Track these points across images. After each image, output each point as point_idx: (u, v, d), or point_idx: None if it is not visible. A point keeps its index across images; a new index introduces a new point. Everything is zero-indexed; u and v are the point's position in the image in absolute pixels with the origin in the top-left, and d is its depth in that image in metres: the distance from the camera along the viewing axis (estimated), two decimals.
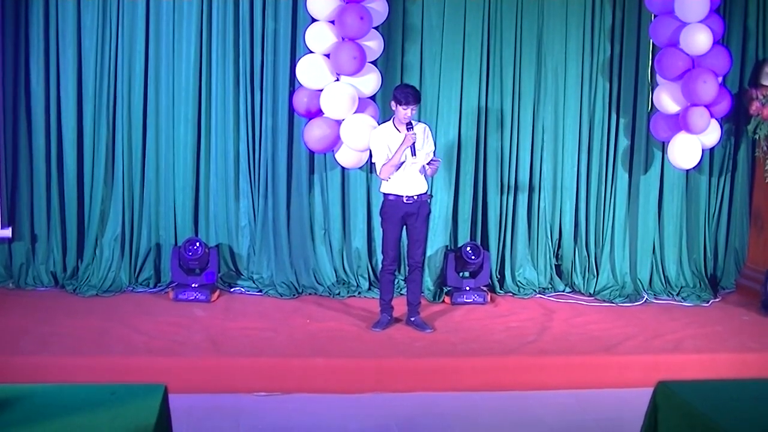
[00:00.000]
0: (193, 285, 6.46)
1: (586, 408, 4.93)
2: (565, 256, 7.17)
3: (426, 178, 5.80)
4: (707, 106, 6.41)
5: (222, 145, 6.77)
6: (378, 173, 5.76)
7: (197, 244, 6.48)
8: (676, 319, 6.38)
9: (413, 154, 5.57)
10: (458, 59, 6.87)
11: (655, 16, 6.73)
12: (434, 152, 5.85)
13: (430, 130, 5.92)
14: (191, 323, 5.83)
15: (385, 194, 5.79)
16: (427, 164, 5.66)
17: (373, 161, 5.92)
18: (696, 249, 7.31)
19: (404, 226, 5.84)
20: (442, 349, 5.46)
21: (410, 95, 5.57)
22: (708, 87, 6.28)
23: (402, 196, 5.70)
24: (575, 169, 7.10)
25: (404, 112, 5.55)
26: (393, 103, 5.63)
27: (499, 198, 7.03)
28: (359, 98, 6.24)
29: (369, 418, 4.68)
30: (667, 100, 6.59)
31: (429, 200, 5.84)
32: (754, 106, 6.83)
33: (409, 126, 5.56)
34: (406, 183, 5.69)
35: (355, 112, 6.21)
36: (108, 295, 6.48)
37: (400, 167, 5.63)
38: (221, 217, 6.86)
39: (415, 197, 5.71)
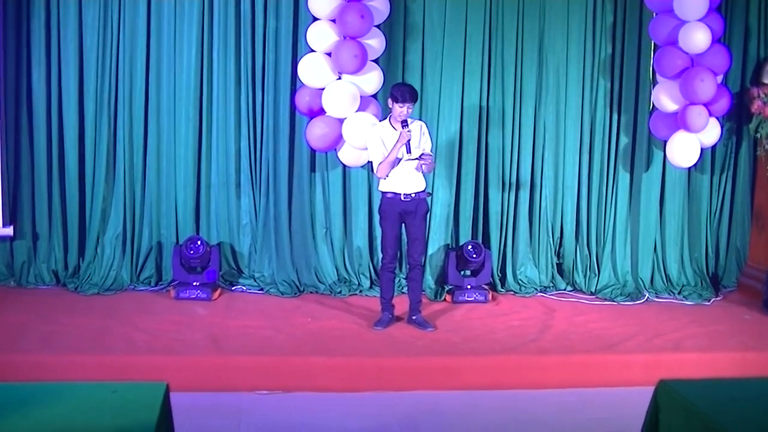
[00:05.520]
0: (194, 283, 6.47)
1: (588, 407, 4.93)
2: (567, 254, 7.17)
3: (424, 176, 5.81)
4: (706, 105, 6.41)
5: (223, 143, 6.77)
6: (375, 171, 5.78)
7: (198, 242, 6.48)
8: (677, 318, 6.38)
9: (408, 151, 5.58)
10: (459, 58, 6.87)
11: (655, 15, 6.73)
12: (433, 150, 5.86)
13: (428, 127, 5.92)
14: (192, 322, 5.84)
15: (383, 192, 5.80)
16: (420, 160, 5.61)
17: (369, 159, 5.92)
18: (697, 247, 7.31)
19: (403, 224, 5.85)
20: (443, 348, 5.47)
21: (407, 93, 5.60)
22: (706, 85, 6.26)
23: (399, 194, 5.71)
24: (576, 167, 7.10)
25: (400, 109, 5.58)
26: (390, 101, 5.67)
27: (501, 196, 7.02)
28: (361, 97, 6.24)
29: (370, 416, 4.68)
30: (665, 98, 6.58)
31: (427, 198, 5.85)
32: (756, 105, 6.83)
33: (405, 123, 5.57)
34: (403, 181, 5.70)
35: (357, 111, 6.21)
36: (109, 294, 6.48)
37: (396, 165, 5.65)
38: (222, 216, 6.86)
39: (413, 195, 5.72)
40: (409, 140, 5.56)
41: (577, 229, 7.18)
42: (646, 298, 6.98)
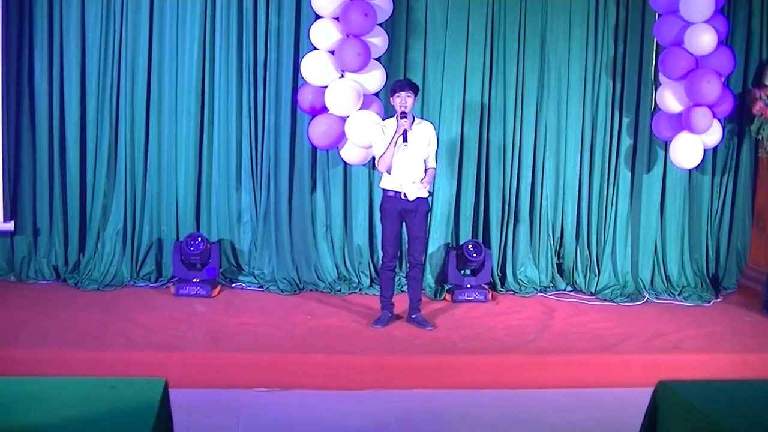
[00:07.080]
0: (194, 280, 6.47)
1: (586, 407, 4.92)
2: (567, 254, 7.17)
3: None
4: (710, 107, 6.41)
5: (224, 140, 6.77)
6: (376, 165, 5.78)
7: (199, 239, 6.48)
8: (677, 319, 6.38)
9: (404, 140, 5.57)
10: (461, 56, 6.87)
11: (659, 16, 6.72)
12: (436, 152, 5.86)
13: (435, 129, 5.91)
14: (192, 318, 5.84)
15: (384, 190, 5.80)
16: (422, 182, 5.67)
17: (373, 155, 5.93)
18: (698, 249, 7.31)
19: (403, 223, 5.85)
20: (442, 347, 5.46)
21: (404, 82, 5.71)
22: (712, 87, 6.26)
23: (401, 193, 5.71)
24: (578, 167, 7.10)
25: (398, 99, 5.60)
26: (390, 98, 5.72)
27: (501, 196, 7.02)
28: (364, 95, 6.23)
29: (369, 414, 4.68)
30: (670, 99, 6.58)
31: (428, 197, 5.85)
32: (758, 107, 6.83)
33: (403, 114, 5.58)
34: (404, 179, 5.69)
35: (359, 109, 6.21)
36: (109, 290, 6.49)
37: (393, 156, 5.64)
38: (223, 213, 6.86)
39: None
40: (406, 130, 5.57)
41: (578, 230, 7.18)
42: (646, 298, 6.98)
